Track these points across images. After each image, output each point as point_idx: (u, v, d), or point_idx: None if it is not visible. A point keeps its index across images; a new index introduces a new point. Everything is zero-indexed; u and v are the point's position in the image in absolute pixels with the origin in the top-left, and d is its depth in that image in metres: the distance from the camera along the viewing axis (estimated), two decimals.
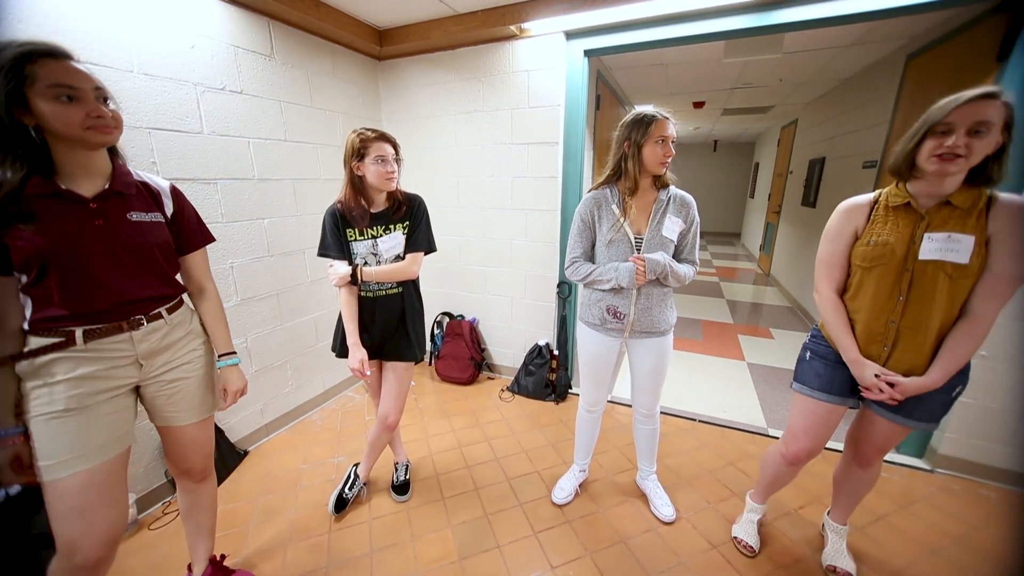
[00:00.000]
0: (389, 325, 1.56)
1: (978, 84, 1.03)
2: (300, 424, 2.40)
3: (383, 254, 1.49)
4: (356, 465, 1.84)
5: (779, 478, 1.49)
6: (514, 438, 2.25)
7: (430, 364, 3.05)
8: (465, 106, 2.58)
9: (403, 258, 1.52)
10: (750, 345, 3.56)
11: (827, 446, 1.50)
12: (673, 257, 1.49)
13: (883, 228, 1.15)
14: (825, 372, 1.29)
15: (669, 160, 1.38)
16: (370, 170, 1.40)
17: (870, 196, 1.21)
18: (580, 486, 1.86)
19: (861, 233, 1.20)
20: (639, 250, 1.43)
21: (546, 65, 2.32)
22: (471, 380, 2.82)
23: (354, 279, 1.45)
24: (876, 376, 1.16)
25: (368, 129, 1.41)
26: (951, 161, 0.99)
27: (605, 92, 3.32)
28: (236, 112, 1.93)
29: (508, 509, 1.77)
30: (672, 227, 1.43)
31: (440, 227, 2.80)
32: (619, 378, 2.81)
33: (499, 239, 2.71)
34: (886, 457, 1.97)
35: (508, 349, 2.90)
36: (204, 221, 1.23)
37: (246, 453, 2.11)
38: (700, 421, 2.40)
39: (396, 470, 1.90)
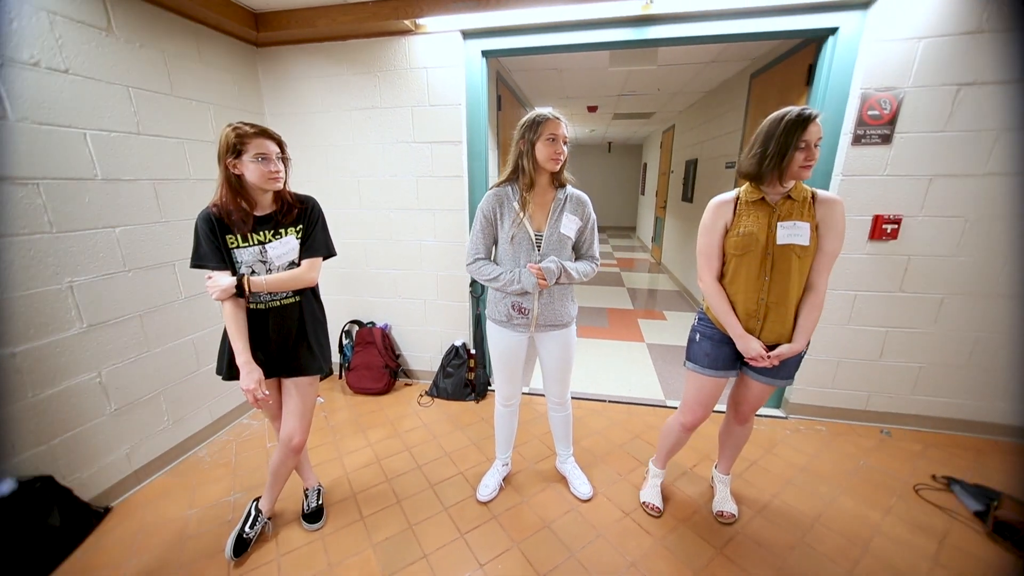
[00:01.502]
0: (287, 338, 1.41)
1: (795, 103, 1.27)
2: (183, 464, 2.07)
3: (274, 261, 1.35)
4: (257, 499, 1.65)
5: (677, 443, 1.69)
6: (436, 443, 2.21)
7: (340, 377, 2.85)
8: (363, 101, 2.44)
9: (298, 264, 1.39)
10: (648, 327, 3.96)
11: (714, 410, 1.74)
12: (573, 251, 1.59)
13: (747, 220, 1.35)
14: (712, 351, 1.48)
15: (561, 158, 1.43)
16: (249, 169, 1.25)
17: (733, 193, 1.41)
18: (504, 480, 1.89)
19: (730, 226, 1.39)
20: (539, 247, 1.49)
21: (445, 63, 2.30)
22: (387, 389, 2.70)
23: (240, 291, 1.29)
24: (761, 350, 1.36)
25: (246, 124, 1.25)
26: (810, 167, 1.23)
27: (506, 93, 3.40)
28: (61, 96, 1.57)
29: (433, 516, 1.73)
30: (570, 224, 1.51)
31: (342, 230, 2.62)
32: (537, 370, 2.93)
33: (408, 240, 2.63)
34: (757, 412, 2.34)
35: (424, 353, 2.83)
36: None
37: (106, 511, 1.75)
38: (610, 401, 2.60)
39: (306, 497, 1.74)
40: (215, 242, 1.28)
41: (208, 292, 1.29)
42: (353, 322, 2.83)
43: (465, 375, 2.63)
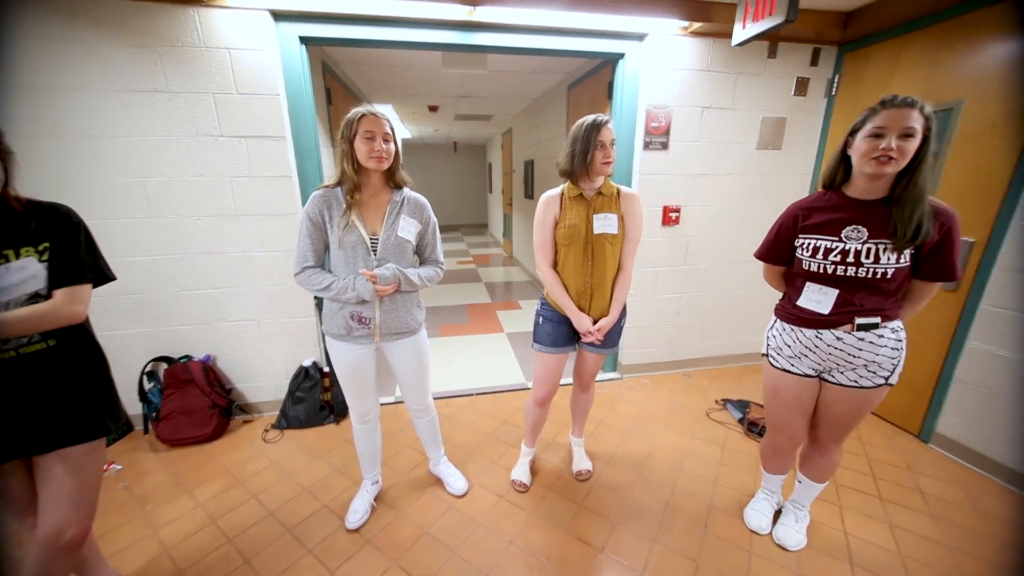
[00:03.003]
0: (35, 400, 1.03)
1: (602, 112, 1.50)
2: None
3: None
4: None
5: (537, 420, 1.85)
6: (290, 480, 1.94)
7: (146, 431, 2.25)
8: (139, 83, 1.93)
9: (48, 296, 1.03)
10: (506, 318, 4.21)
11: (562, 383, 1.96)
12: (416, 255, 1.57)
13: (571, 214, 1.54)
14: (553, 331, 1.66)
15: (383, 156, 1.35)
16: None
17: (558, 190, 1.60)
18: (376, 499, 1.78)
19: (558, 219, 1.57)
20: (375, 251, 1.42)
21: (253, 46, 1.99)
22: (218, 432, 2.24)
23: None
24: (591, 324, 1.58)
25: None
26: (610, 164, 1.46)
27: (336, 86, 3.14)
28: None
29: (296, 562, 1.52)
30: (408, 228, 1.47)
31: (126, 246, 2.05)
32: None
33: (228, 253, 2.21)
34: (598, 378, 2.71)
35: (265, 381, 2.44)
36: None
37: None
38: (477, 394, 2.69)
39: None
40: None
41: None
42: (158, 360, 2.25)
43: (320, 397, 2.37)
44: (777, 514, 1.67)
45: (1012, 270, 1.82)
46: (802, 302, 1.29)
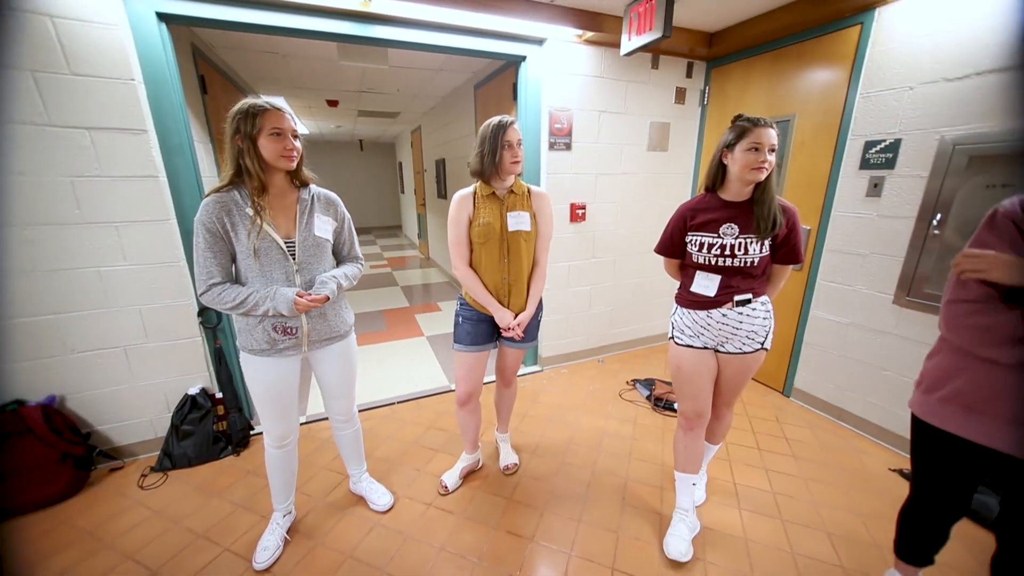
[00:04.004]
0: None
1: (509, 113, 1.53)
2: None
3: None
4: None
5: (466, 422, 1.83)
6: (179, 528, 1.67)
7: None
8: None
9: None
10: (426, 321, 4.11)
11: (486, 381, 1.97)
12: (333, 255, 1.49)
13: (485, 212, 1.55)
14: (473, 330, 1.66)
15: (294, 155, 1.27)
16: None
17: (470, 189, 1.59)
18: (288, 532, 1.62)
19: (472, 217, 1.57)
20: (295, 256, 1.32)
21: (92, 18, 1.65)
22: (73, 488, 1.84)
23: None
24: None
25: None
26: (519, 163, 1.50)
27: (214, 75, 2.75)
28: None
29: None
30: (324, 226, 1.40)
31: None
32: (315, 395, 2.60)
33: (77, 269, 1.82)
34: (519, 373, 2.77)
35: (139, 417, 2.07)
36: None
37: None
38: (398, 403, 2.58)
39: None
40: None
41: None
42: None
43: (212, 428, 2.07)
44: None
45: (835, 251, 2.27)
46: (694, 288, 1.48)
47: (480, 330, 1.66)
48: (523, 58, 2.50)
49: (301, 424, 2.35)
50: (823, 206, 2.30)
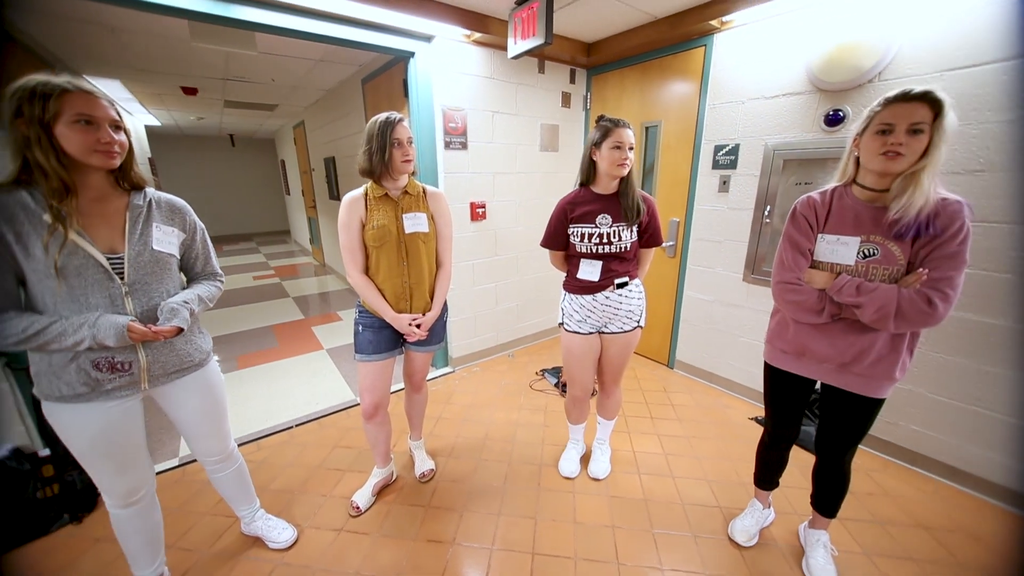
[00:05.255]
0: None
1: (400, 110, 1.47)
2: None
3: None
4: None
5: (375, 436, 1.72)
6: None
7: None
8: None
9: None
10: (325, 333, 3.78)
11: (395, 390, 1.89)
12: (184, 273, 1.27)
13: (378, 214, 1.47)
14: (374, 337, 1.57)
15: (113, 151, 1.01)
16: None
17: (361, 190, 1.51)
18: None
19: (365, 221, 1.48)
20: (122, 275, 1.06)
21: None
22: None
23: None
24: (410, 324, 1.55)
25: None
26: (410, 162, 1.45)
27: (12, 47, 2.16)
28: None
29: None
30: (166, 239, 1.15)
31: None
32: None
33: None
34: (430, 376, 2.71)
35: None
36: None
37: None
38: (297, 425, 2.34)
39: None
40: None
41: None
42: None
43: (37, 492, 1.64)
44: (588, 458, 2.02)
45: (699, 239, 2.64)
46: (580, 275, 1.62)
47: (383, 337, 1.58)
48: (412, 54, 2.43)
49: (170, 468, 1.99)
50: (687, 201, 2.66)
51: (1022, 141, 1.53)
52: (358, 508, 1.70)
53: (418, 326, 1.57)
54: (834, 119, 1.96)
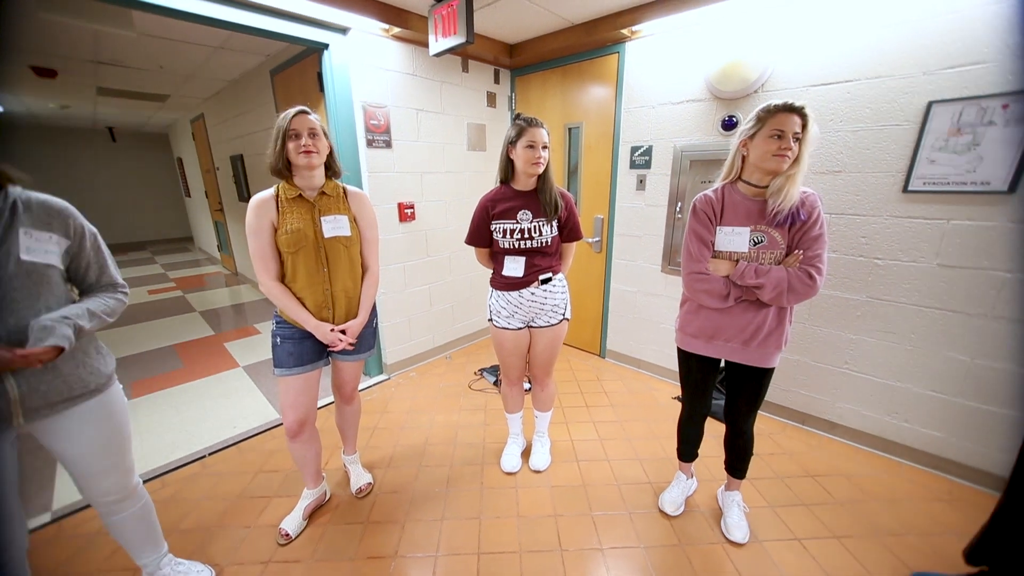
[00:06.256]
0: None
1: (315, 106, 1.37)
2: None
3: None
4: None
5: (302, 455, 1.60)
6: None
7: None
8: None
9: None
10: (240, 348, 3.43)
11: (322, 404, 1.77)
12: (76, 285, 1.10)
13: (292, 217, 1.37)
14: (295, 349, 1.45)
15: None
16: None
17: (271, 191, 1.39)
18: None
19: (277, 224, 1.37)
20: None
21: None
22: None
23: None
24: (332, 331, 1.45)
25: None
26: (309, 155, 1.33)
27: None
28: None
29: None
30: (41, 247, 0.98)
31: None
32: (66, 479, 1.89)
33: None
34: (363, 385, 2.59)
35: None
36: None
37: None
38: (210, 455, 2.10)
39: None
40: None
41: None
42: None
43: None
44: (529, 452, 2.06)
45: (622, 235, 2.81)
46: (506, 272, 1.65)
47: (305, 348, 1.47)
48: (325, 46, 2.29)
49: (43, 526, 1.68)
50: (610, 199, 2.82)
51: (864, 149, 1.84)
52: (287, 535, 1.57)
53: (343, 333, 1.48)
54: (729, 124, 2.19)
